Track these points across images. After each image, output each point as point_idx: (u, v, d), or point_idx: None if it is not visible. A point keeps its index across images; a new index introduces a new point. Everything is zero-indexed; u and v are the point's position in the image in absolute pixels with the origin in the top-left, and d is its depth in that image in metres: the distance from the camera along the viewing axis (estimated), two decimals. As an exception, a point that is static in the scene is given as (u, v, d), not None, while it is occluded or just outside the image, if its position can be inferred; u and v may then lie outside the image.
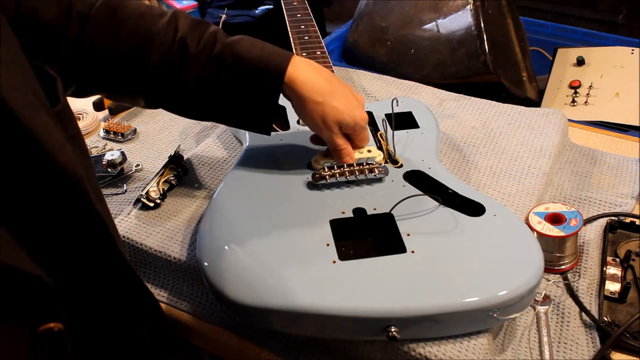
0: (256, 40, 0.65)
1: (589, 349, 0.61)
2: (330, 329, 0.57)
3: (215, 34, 0.64)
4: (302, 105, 0.65)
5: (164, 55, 0.62)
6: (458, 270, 0.58)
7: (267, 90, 0.64)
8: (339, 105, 0.65)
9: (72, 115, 0.49)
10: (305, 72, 0.64)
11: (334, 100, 0.65)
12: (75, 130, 0.49)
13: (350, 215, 0.64)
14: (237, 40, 0.64)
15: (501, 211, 0.65)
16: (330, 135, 0.67)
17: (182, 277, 0.70)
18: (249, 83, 0.63)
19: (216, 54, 0.62)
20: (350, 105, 0.67)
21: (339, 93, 0.66)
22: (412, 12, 1.18)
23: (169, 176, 0.78)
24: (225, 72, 0.63)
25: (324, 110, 0.65)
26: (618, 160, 0.87)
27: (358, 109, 0.68)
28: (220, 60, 0.62)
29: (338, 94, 0.66)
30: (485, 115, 0.92)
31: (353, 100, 0.68)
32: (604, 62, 1.24)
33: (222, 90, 0.64)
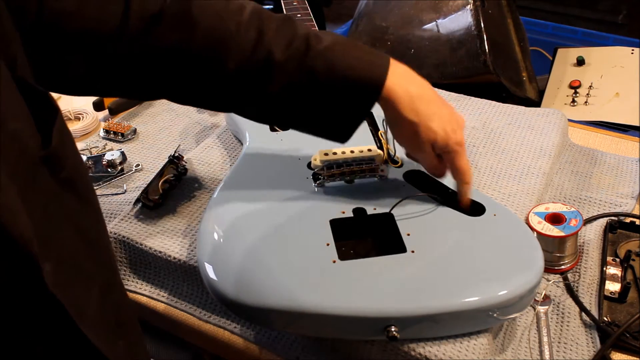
0: (349, 43, 0.58)
1: (589, 349, 0.61)
2: (330, 329, 0.57)
3: (307, 39, 0.56)
4: (396, 122, 0.60)
5: (244, 61, 0.55)
6: (458, 270, 0.58)
7: (360, 103, 0.58)
8: (433, 126, 0.59)
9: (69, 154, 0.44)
10: (404, 86, 0.58)
11: (430, 121, 0.59)
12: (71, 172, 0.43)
13: (350, 215, 0.64)
14: (330, 45, 0.56)
15: (501, 211, 0.65)
16: (422, 156, 0.63)
17: (182, 277, 0.70)
18: (342, 95, 0.57)
19: (308, 63, 0.55)
20: (446, 128, 0.60)
21: (438, 113, 0.60)
22: (412, 12, 1.18)
23: (169, 176, 0.78)
24: (316, 84, 0.56)
25: (418, 130, 0.59)
26: (618, 160, 0.87)
27: (455, 132, 0.61)
28: (311, 71, 0.55)
29: (436, 115, 0.60)
30: (485, 115, 0.92)
31: (452, 122, 0.61)
32: (604, 62, 1.24)
33: (308, 101, 0.57)
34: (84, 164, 0.49)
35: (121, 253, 0.72)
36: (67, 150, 0.43)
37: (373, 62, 0.57)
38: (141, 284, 0.73)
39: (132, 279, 0.73)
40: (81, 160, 0.48)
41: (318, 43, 0.56)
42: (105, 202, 0.82)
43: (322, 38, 0.56)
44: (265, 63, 0.55)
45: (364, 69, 0.56)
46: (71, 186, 0.43)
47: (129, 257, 0.72)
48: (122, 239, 0.71)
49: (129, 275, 0.73)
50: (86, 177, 0.48)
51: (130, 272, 0.73)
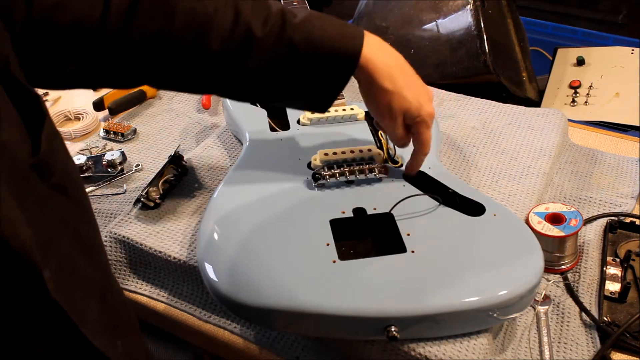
0: (324, 16, 0.59)
1: (589, 349, 0.61)
2: (330, 329, 0.57)
3: (283, 14, 0.57)
4: (370, 90, 0.61)
5: (225, 41, 0.56)
6: (458, 270, 0.58)
7: (339, 73, 0.59)
8: (408, 95, 0.61)
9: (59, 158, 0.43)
10: (379, 55, 0.60)
11: (405, 90, 0.61)
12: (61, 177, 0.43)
13: (350, 215, 0.64)
14: (307, 18, 0.58)
15: (501, 211, 0.65)
16: (392, 125, 0.64)
17: (182, 277, 0.70)
18: (321, 66, 0.58)
19: (286, 37, 0.56)
20: (419, 98, 0.62)
21: (411, 83, 0.62)
22: (412, 12, 1.18)
23: (169, 176, 0.78)
24: (296, 56, 0.57)
25: (392, 99, 0.61)
26: (618, 160, 0.87)
27: (427, 103, 0.63)
28: (290, 44, 0.57)
29: (410, 84, 0.62)
30: (485, 115, 0.92)
31: (423, 92, 0.63)
32: (604, 62, 1.24)
33: (289, 74, 0.59)
34: (74, 167, 0.48)
35: (121, 253, 0.72)
36: (56, 155, 0.43)
37: (349, 33, 0.59)
38: (141, 284, 0.73)
39: (132, 279, 0.73)
40: (72, 163, 0.48)
41: (294, 17, 0.57)
42: (105, 202, 0.82)
43: (297, 13, 0.58)
44: (245, 40, 0.56)
45: (341, 39, 0.58)
46: (63, 190, 0.43)
47: (129, 257, 0.72)
48: (122, 239, 0.71)
49: (129, 275, 0.73)
50: (77, 180, 0.48)
51: (130, 272, 0.73)
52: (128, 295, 0.72)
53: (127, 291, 0.72)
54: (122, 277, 0.73)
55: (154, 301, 0.71)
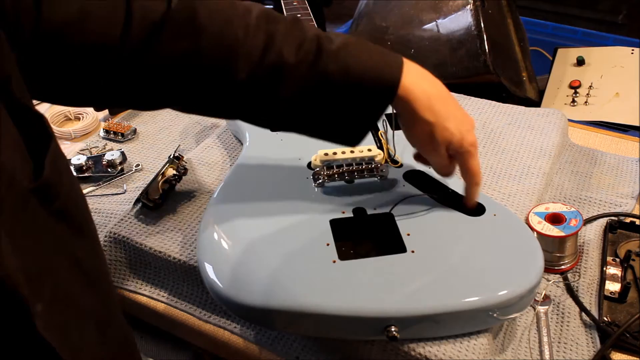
0: (360, 43, 0.56)
1: (589, 349, 0.61)
2: (330, 329, 0.57)
3: (319, 40, 0.53)
4: (411, 122, 0.58)
5: (255, 68, 0.52)
6: (458, 270, 0.58)
7: (375, 104, 0.55)
8: (450, 126, 0.58)
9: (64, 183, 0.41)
10: (419, 85, 0.56)
11: (447, 121, 0.57)
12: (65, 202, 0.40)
13: (350, 215, 0.64)
14: (342, 46, 0.54)
15: (501, 211, 0.65)
16: (435, 156, 0.61)
17: (182, 277, 0.70)
18: (356, 97, 0.54)
19: (321, 66, 0.53)
20: (461, 128, 0.59)
21: (452, 113, 0.59)
22: (412, 12, 1.18)
23: (169, 176, 0.78)
24: (330, 87, 0.54)
25: (434, 130, 0.57)
26: (618, 160, 0.87)
27: (469, 133, 0.59)
28: (324, 74, 0.53)
29: (451, 114, 0.58)
30: (485, 115, 0.92)
31: (465, 122, 0.60)
32: (604, 62, 1.24)
33: (322, 104, 0.55)
34: (79, 192, 0.45)
35: (121, 253, 0.72)
36: (61, 179, 0.40)
37: (387, 62, 0.55)
38: (141, 284, 0.73)
39: (132, 279, 0.73)
40: (77, 188, 0.45)
41: (329, 44, 0.54)
42: (105, 202, 0.82)
43: (333, 39, 0.54)
44: (276, 68, 0.52)
45: (378, 69, 0.54)
46: (65, 216, 0.41)
47: (129, 257, 0.72)
48: (122, 239, 0.71)
49: (129, 275, 0.73)
50: (82, 205, 0.45)
51: (130, 272, 0.73)
52: (128, 295, 0.72)
53: (127, 291, 0.72)
54: (122, 277, 0.73)
55: (154, 301, 0.71)
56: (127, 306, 0.73)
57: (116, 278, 0.73)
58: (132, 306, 0.73)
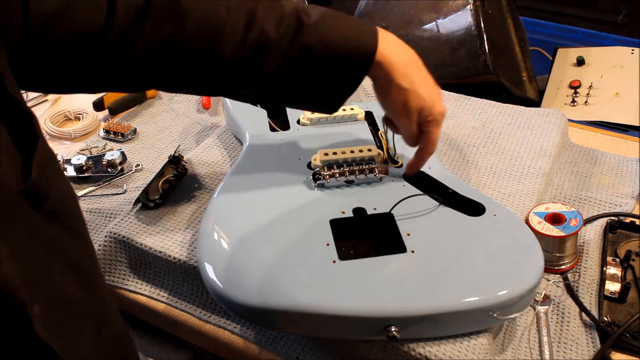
0: (337, 15, 0.58)
1: (589, 349, 0.61)
2: (330, 329, 0.57)
3: (297, 14, 0.55)
4: (386, 88, 0.60)
5: (238, 46, 0.54)
6: (458, 270, 0.58)
7: (354, 72, 0.58)
8: (423, 93, 0.60)
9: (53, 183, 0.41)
10: (395, 53, 0.58)
11: (420, 88, 0.60)
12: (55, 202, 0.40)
13: (350, 215, 0.64)
14: (321, 18, 0.56)
15: (501, 211, 0.65)
16: (407, 123, 0.62)
17: (182, 277, 0.70)
18: (336, 67, 0.57)
19: (301, 39, 0.55)
20: (432, 95, 0.61)
21: (425, 81, 0.61)
22: (412, 12, 1.18)
23: (169, 176, 0.78)
24: (311, 59, 0.56)
25: (408, 97, 0.60)
26: (618, 160, 0.87)
27: (439, 101, 0.62)
28: (304, 47, 0.55)
29: (424, 82, 0.61)
30: (485, 115, 0.92)
31: (436, 90, 0.62)
32: (604, 62, 1.24)
33: (304, 76, 0.58)
34: (70, 192, 0.46)
35: (121, 253, 0.72)
36: (50, 180, 0.40)
37: (363, 31, 0.57)
38: (141, 284, 0.73)
39: (132, 279, 0.73)
40: (67, 189, 0.45)
41: (308, 17, 0.56)
42: (105, 202, 0.82)
43: (310, 12, 0.56)
44: (259, 44, 0.54)
45: (356, 38, 0.56)
46: (56, 218, 0.41)
47: (129, 257, 0.72)
48: (122, 239, 0.71)
49: (129, 275, 0.73)
50: (73, 205, 0.45)
51: (130, 272, 0.73)
52: (128, 295, 0.72)
53: (127, 291, 0.72)
54: (122, 277, 0.73)
55: (154, 301, 0.71)
56: (127, 306, 0.73)
57: (116, 278, 0.73)
58: (132, 306, 0.73)
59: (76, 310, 0.43)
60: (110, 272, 0.73)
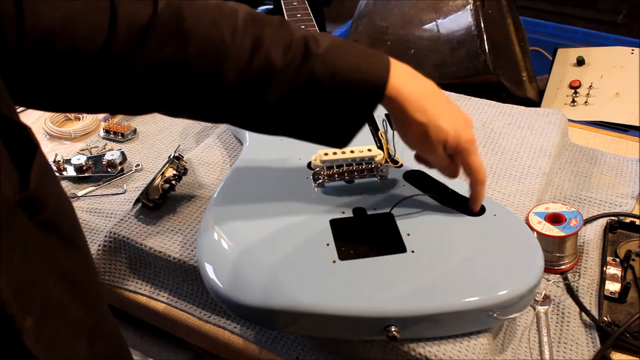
0: (348, 44, 0.55)
1: (589, 349, 0.61)
2: (330, 329, 0.57)
3: (306, 42, 0.53)
4: (404, 123, 0.57)
5: (242, 72, 0.52)
6: (458, 270, 0.58)
7: (362, 106, 0.55)
8: (444, 125, 0.57)
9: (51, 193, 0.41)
10: (408, 86, 0.56)
11: (439, 120, 0.57)
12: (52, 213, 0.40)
13: (350, 215, 0.64)
14: (329, 48, 0.54)
15: (501, 211, 0.65)
16: (434, 157, 0.60)
17: (182, 277, 0.70)
18: (343, 99, 0.54)
19: (308, 69, 0.53)
20: (456, 126, 0.58)
21: (446, 111, 0.58)
22: (412, 12, 1.18)
23: (169, 176, 0.78)
24: (317, 89, 0.53)
25: (427, 131, 0.57)
26: (618, 160, 0.87)
27: (465, 130, 0.59)
28: (311, 76, 0.53)
29: (444, 113, 0.57)
30: (485, 115, 0.92)
31: (461, 119, 0.59)
32: (604, 62, 1.24)
33: (309, 107, 0.55)
34: (67, 202, 0.45)
35: (121, 253, 0.72)
36: (48, 190, 0.40)
37: (374, 63, 0.55)
38: (141, 284, 0.73)
39: (132, 279, 0.73)
40: (65, 199, 0.44)
41: (317, 46, 0.53)
42: (105, 202, 0.82)
43: (320, 40, 0.54)
44: (264, 71, 0.52)
45: (365, 70, 0.54)
46: (52, 228, 0.40)
47: (129, 257, 0.72)
48: (122, 239, 0.71)
49: (129, 275, 0.73)
50: (71, 216, 0.44)
51: (130, 272, 0.73)
52: (128, 295, 0.72)
53: (127, 291, 0.72)
54: (122, 277, 0.73)
55: (154, 301, 0.71)
56: (127, 306, 0.73)
57: (116, 278, 0.73)
58: (132, 306, 0.73)
59: (71, 323, 0.42)
60: (110, 272, 0.73)
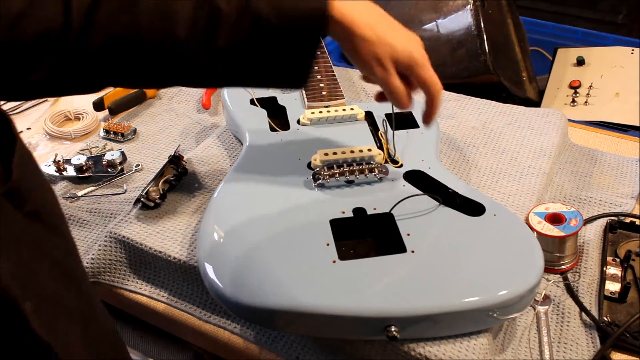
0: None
1: (589, 349, 0.61)
2: (330, 329, 0.57)
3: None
4: (352, 44, 0.57)
5: (192, 24, 0.53)
6: (458, 270, 0.58)
7: (310, 34, 0.54)
8: (394, 41, 0.57)
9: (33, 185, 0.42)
10: (354, 7, 0.56)
11: (389, 37, 0.57)
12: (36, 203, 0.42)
13: (350, 215, 0.64)
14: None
15: (501, 211, 0.65)
16: (384, 75, 0.59)
17: (182, 277, 0.70)
18: (290, 31, 0.54)
19: (252, 7, 0.53)
20: (405, 44, 0.58)
21: (395, 29, 0.58)
22: (412, 12, 1.18)
23: (169, 176, 0.78)
24: (264, 26, 0.54)
25: (377, 48, 0.57)
26: (618, 160, 0.87)
27: (416, 48, 0.59)
28: (257, 15, 0.53)
29: (394, 30, 0.58)
30: (485, 115, 0.92)
31: (412, 38, 0.59)
32: (604, 62, 1.24)
33: (260, 46, 0.55)
34: (50, 190, 0.46)
35: (121, 253, 0.72)
36: (30, 181, 0.40)
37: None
38: (141, 284, 0.73)
39: (132, 279, 0.73)
40: (47, 187, 0.45)
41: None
42: (105, 202, 0.82)
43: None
44: (211, 18, 0.53)
45: None
46: (38, 218, 0.41)
47: (129, 257, 0.72)
48: (122, 239, 0.71)
49: (129, 275, 0.73)
50: (54, 206, 0.45)
51: (130, 272, 0.73)
52: (128, 295, 0.72)
53: (127, 291, 0.72)
54: (122, 277, 0.73)
55: (154, 301, 0.71)
56: (127, 306, 0.73)
57: (116, 278, 0.73)
58: (132, 306, 0.73)
59: (65, 309, 0.43)
60: (110, 272, 0.73)
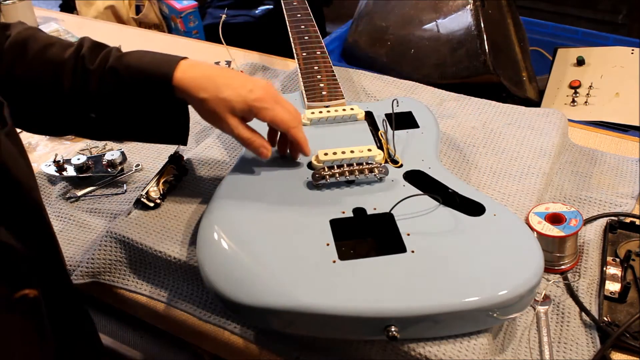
0: (150, 52, 0.67)
1: (589, 349, 0.61)
2: (330, 329, 0.57)
3: (110, 51, 0.66)
4: (195, 105, 0.66)
5: (74, 79, 0.64)
6: (458, 270, 0.58)
7: (160, 96, 0.65)
8: (226, 94, 0.64)
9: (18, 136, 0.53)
10: (191, 72, 0.65)
11: (221, 92, 0.64)
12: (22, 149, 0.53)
13: (350, 215, 0.64)
14: (129, 52, 0.67)
15: (501, 211, 0.65)
16: (229, 129, 0.66)
17: (182, 277, 0.70)
18: (142, 91, 0.65)
19: (109, 66, 0.65)
20: (240, 91, 0.65)
21: (226, 84, 0.65)
22: (412, 12, 1.18)
23: (169, 176, 0.78)
24: (120, 82, 0.64)
25: (212, 105, 0.65)
26: (618, 160, 0.87)
27: (252, 92, 0.65)
28: (114, 71, 0.64)
29: (225, 85, 0.65)
30: (485, 115, 0.92)
31: (246, 85, 0.66)
32: (604, 62, 1.24)
33: (123, 101, 0.66)
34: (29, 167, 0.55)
35: (121, 253, 0.72)
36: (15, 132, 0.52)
37: (164, 61, 0.65)
38: (141, 284, 0.73)
39: (132, 278, 0.73)
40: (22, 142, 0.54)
41: (118, 52, 0.67)
42: (105, 202, 0.82)
43: (125, 52, 0.67)
44: (83, 73, 0.65)
45: (155, 65, 0.65)
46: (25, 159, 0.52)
47: (129, 257, 0.72)
48: (122, 238, 0.71)
49: (129, 275, 0.73)
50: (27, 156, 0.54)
51: (130, 272, 0.73)
52: (128, 295, 0.72)
53: (127, 291, 0.72)
54: (122, 277, 0.73)
55: (154, 301, 0.71)
56: (127, 306, 0.73)
57: (116, 278, 0.73)
58: (132, 306, 0.73)
59: None
60: (110, 272, 0.73)
